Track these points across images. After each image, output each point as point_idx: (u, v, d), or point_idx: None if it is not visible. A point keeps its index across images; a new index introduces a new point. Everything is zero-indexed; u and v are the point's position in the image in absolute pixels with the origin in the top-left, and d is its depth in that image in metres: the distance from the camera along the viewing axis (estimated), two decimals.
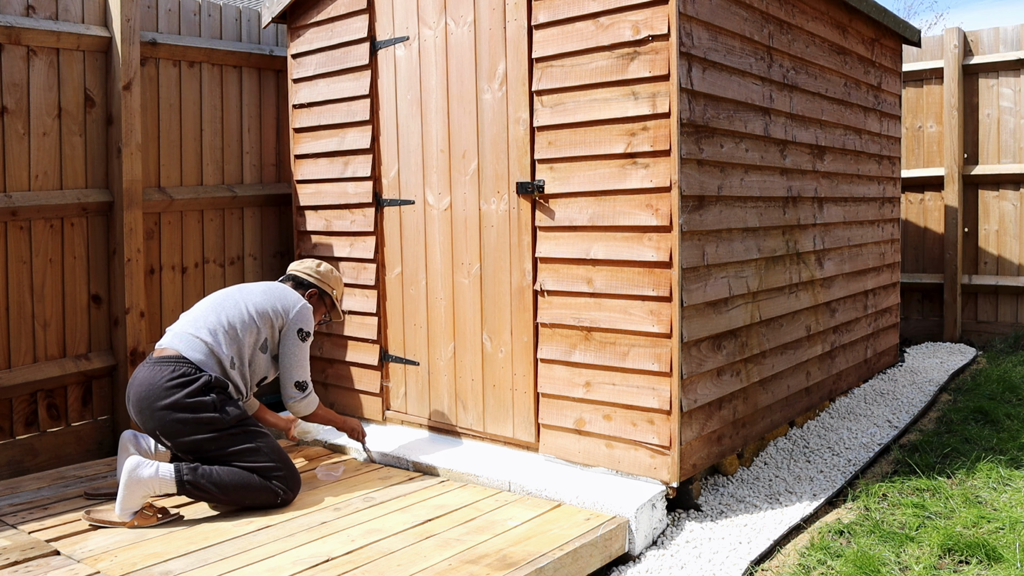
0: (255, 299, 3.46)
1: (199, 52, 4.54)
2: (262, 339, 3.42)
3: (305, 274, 3.72)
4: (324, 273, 3.75)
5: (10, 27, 3.82)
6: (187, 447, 3.15)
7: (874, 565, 2.79)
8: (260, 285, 3.57)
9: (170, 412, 3.11)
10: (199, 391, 3.14)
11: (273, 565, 2.70)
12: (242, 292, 3.50)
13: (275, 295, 3.51)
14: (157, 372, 3.16)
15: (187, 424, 3.11)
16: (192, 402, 3.11)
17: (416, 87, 3.98)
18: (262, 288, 3.54)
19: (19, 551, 2.85)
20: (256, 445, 3.20)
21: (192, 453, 3.16)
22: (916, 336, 6.66)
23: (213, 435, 3.13)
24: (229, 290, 3.53)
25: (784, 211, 3.99)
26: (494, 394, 3.76)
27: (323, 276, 3.74)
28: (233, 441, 3.16)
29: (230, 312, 3.38)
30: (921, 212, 6.66)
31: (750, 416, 3.76)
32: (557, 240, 3.48)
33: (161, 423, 3.12)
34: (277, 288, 3.57)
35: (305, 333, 3.50)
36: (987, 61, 6.26)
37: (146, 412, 3.14)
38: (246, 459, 3.17)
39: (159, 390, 3.12)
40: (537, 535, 2.91)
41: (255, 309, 3.42)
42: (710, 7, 3.33)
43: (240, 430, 3.19)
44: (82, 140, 4.15)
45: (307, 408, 3.56)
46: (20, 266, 3.95)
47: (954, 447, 4.00)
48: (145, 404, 3.14)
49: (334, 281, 3.78)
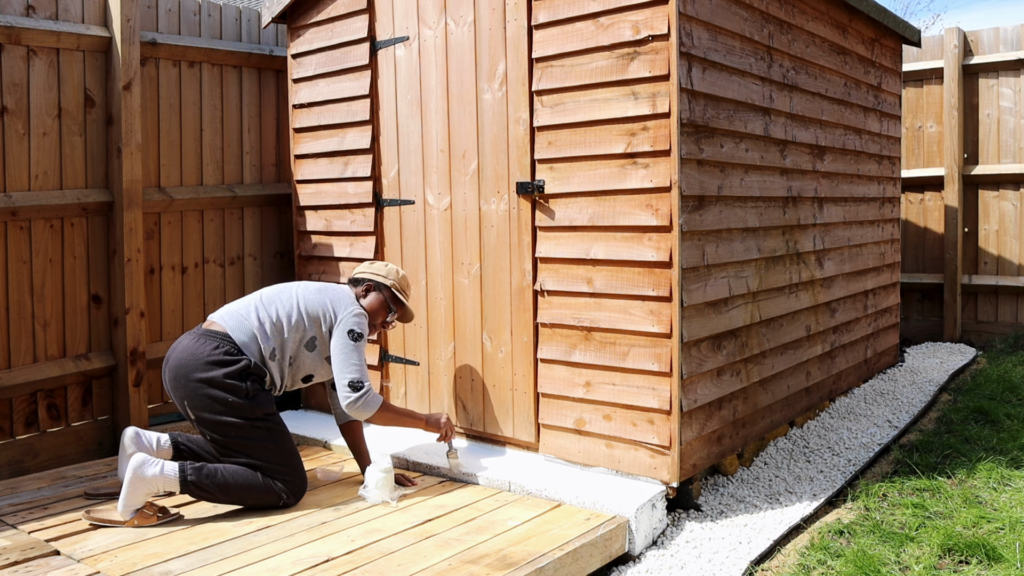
0: (307, 296, 3.41)
1: (199, 52, 4.54)
2: (308, 337, 3.37)
3: (360, 272, 3.61)
4: (377, 267, 3.61)
5: (10, 27, 3.82)
6: (209, 425, 3.16)
7: (874, 565, 2.79)
8: (317, 284, 3.52)
9: (204, 386, 3.13)
10: (237, 374, 3.16)
11: (273, 565, 2.70)
12: (297, 288, 3.46)
13: (328, 295, 3.45)
14: (202, 345, 3.19)
15: (217, 402, 3.13)
16: (228, 383, 3.14)
17: (416, 87, 3.98)
18: (317, 287, 3.49)
19: (19, 551, 2.85)
20: (273, 443, 3.20)
21: (211, 432, 3.17)
22: (916, 336, 6.66)
23: (237, 421, 3.14)
24: (287, 284, 3.51)
25: (784, 211, 3.99)
26: (494, 394, 3.75)
27: (375, 269, 3.60)
28: (253, 433, 3.17)
29: (281, 306, 3.36)
30: (921, 212, 6.66)
31: (750, 416, 3.75)
32: (557, 240, 3.48)
33: (192, 395, 3.15)
34: (332, 288, 3.50)
35: (356, 334, 3.36)
36: (987, 61, 6.26)
37: (180, 380, 3.17)
38: (258, 454, 3.17)
39: (199, 363, 3.15)
40: (537, 535, 2.91)
41: (304, 306, 3.38)
42: (710, 7, 3.33)
43: (263, 424, 3.20)
44: (82, 140, 4.15)
45: (366, 409, 3.31)
46: (20, 266, 3.95)
47: (954, 447, 3.99)
48: (181, 372, 3.16)
49: (390, 273, 3.59)
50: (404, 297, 3.60)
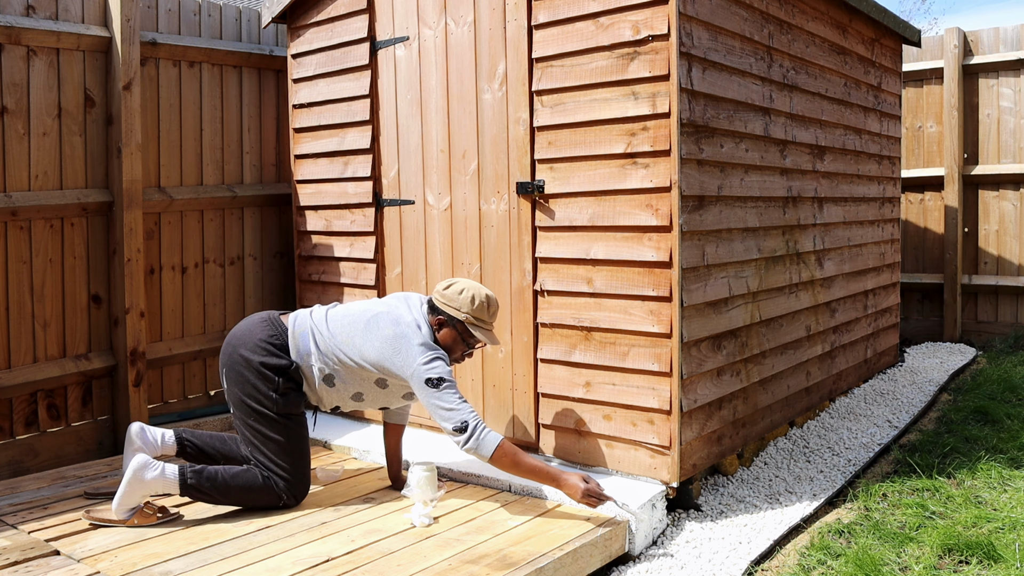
0: (375, 345, 3.15)
1: (199, 52, 4.54)
2: (375, 379, 3.21)
3: (436, 297, 3.25)
4: (450, 295, 3.20)
5: (10, 27, 3.82)
6: (234, 400, 3.24)
7: (874, 565, 2.79)
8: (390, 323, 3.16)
9: (242, 362, 3.21)
10: (274, 368, 3.19)
11: (273, 565, 2.70)
12: (367, 331, 3.18)
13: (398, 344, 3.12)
14: (263, 328, 3.26)
15: (246, 383, 3.20)
16: (263, 372, 3.19)
17: (416, 87, 3.98)
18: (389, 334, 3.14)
19: (19, 551, 2.84)
20: (288, 442, 3.20)
21: (234, 407, 3.25)
22: (916, 336, 6.66)
23: (260, 409, 3.18)
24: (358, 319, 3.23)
25: (784, 211, 3.99)
26: (494, 394, 3.75)
27: (449, 299, 3.20)
28: (271, 426, 3.19)
29: (341, 350, 3.18)
30: (921, 212, 6.66)
31: (750, 416, 3.75)
32: (557, 240, 3.48)
33: (232, 365, 3.24)
34: (404, 333, 3.13)
35: (434, 381, 3.03)
36: (987, 61, 6.26)
37: (228, 348, 3.27)
38: (267, 448, 3.18)
39: (251, 342, 3.23)
40: (537, 535, 2.91)
41: (369, 359, 3.16)
42: (710, 7, 3.33)
43: (284, 423, 3.21)
44: (82, 140, 4.15)
45: (481, 452, 2.98)
46: (20, 266, 3.94)
47: (954, 447, 3.99)
48: (232, 342, 3.27)
49: (463, 303, 3.18)
50: (484, 326, 3.23)
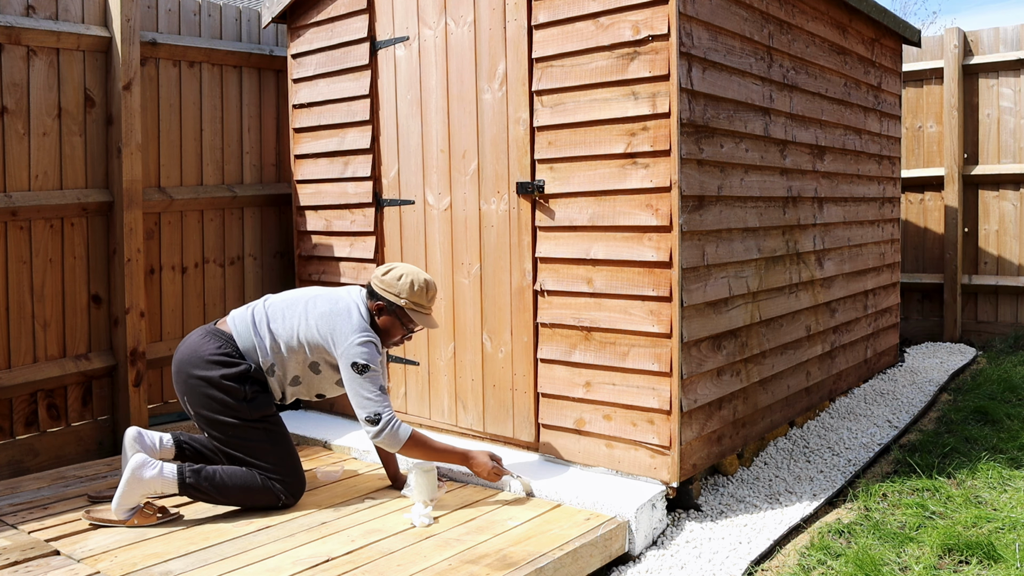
0: (310, 323, 3.21)
1: (199, 52, 4.54)
2: (310, 361, 3.23)
3: (374, 283, 3.29)
4: (389, 281, 3.25)
5: (10, 27, 3.82)
6: (206, 422, 3.17)
7: (874, 565, 2.79)
8: (325, 304, 3.25)
9: (201, 384, 3.14)
10: (235, 377, 3.14)
11: (273, 565, 2.70)
12: (304, 309, 3.25)
13: (332, 322, 3.19)
14: (206, 343, 3.19)
15: (214, 401, 3.14)
16: (225, 384, 3.13)
17: (416, 87, 3.98)
18: (323, 312, 3.22)
19: (19, 551, 2.85)
20: (271, 444, 3.20)
21: (209, 429, 3.18)
22: (916, 336, 6.66)
23: (233, 421, 3.15)
24: (296, 299, 3.30)
25: (784, 211, 3.99)
26: (494, 394, 3.75)
27: (388, 284, 3.25)
28: (250, 433, 3.17)
29: (282, 327, 3.22)
30: (921, 212, 6.66)
31: (750, 416, 3.75)
32: (557, 240, 3.48)
33: (191, 391, 3.17)
34: (340, 313, 3.21)
35: (361, 366, 3.11)
36: (987, 61, 6.26)
37: (181, 375, 3.19)
38: (255, 454, 3.17)
39: (200, 360, 3.16)
40: (537, 535, 2.91)
41: (305, 336, 3.20)
42: (710, 7, 3.33)
43: (261, 426, 3.20)
44: (82, 140, 4.15)
45: (393, 441, 3.10)
46: (20, 266, 3.95)
47: (954, 447, 3.99)
48: (183, 368, 3.19)
49: (403, 289, 3.23)
50: (423, 311, 3.29)
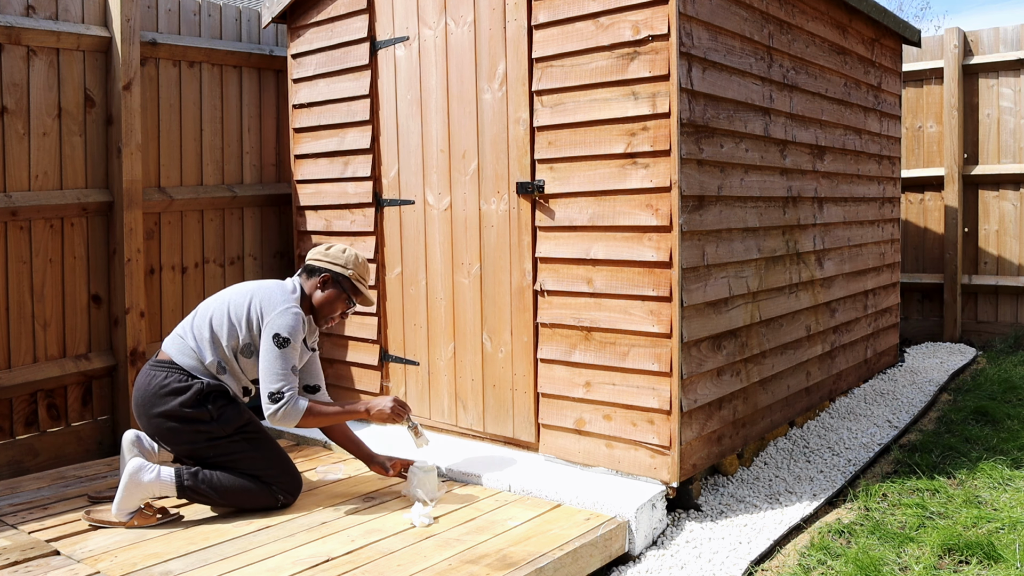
0: (236, 300, 3.19)
1: (199, 52, 4.54)
2: (242, 344, 3.16)
3: (314, 259, 3.33)
4: (333, 254, 3.31)
5: (10, 27, 3.82)
6: (185, 452, 3.16)
7: (874, 565, 2.79)
8: (255, 285, 3.26)
9: (164, 420, 3.10)
10: (192, 401, 3.08)
11: (273, 565, 2.70)
12: (232, 293, 3.24)
13: (262, 295, 3.18)
14: (151, 378, 3.14)
15: (182, 433, 3.10)
16: (187, 412, 3.08)
17: (416, 87, 3.98)
18: (250, 287, 3.23)
19: (19, 551, 2.85)
20: (256, 452, 3.18)
21: (191, 457, 3.16)
22: (916, 336, 6.66)
23: (210, 443, 3.12)
24: (225, 290, 3.31)
25: (784, 211, 3.99)
26: (494, 394, 3.75)
27: (332, 257, 3.30)
28: (232, 448, 3.15)
29: (213, 315, 3.18)
30: (921, 212, 6.66)
31: (750, 416, 3.75)
32: (557, 240, 3.48)
33: (157, 430, 3.13)
34: (270, 288, 3.22)
35: (282, 339, 3.07)
36: (987, 61, 6.26)
37: (143, 418, 3.16)
38: (246, 465, 3.16)
39: (153, 397, 3.11)
40: (537, 535, 2.91)
41: (234, 312, 3.16)
42: (710, 7, 3.33)
43: (240, 436, 3.17)
44: (82, 140, 4.15)
45: (288, 419, 3.08)
46: (20, 266, 3.94)
47: (954, 447, 3.99)
48: (141, 410, 3.15)
49: (348, 260, 3.31)
50: (364, 285, 3.36)
